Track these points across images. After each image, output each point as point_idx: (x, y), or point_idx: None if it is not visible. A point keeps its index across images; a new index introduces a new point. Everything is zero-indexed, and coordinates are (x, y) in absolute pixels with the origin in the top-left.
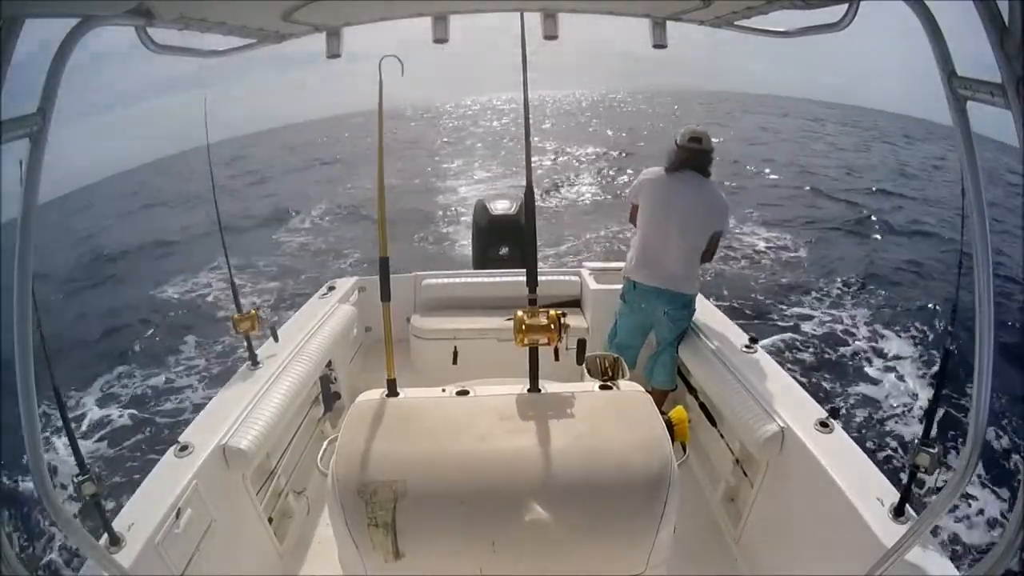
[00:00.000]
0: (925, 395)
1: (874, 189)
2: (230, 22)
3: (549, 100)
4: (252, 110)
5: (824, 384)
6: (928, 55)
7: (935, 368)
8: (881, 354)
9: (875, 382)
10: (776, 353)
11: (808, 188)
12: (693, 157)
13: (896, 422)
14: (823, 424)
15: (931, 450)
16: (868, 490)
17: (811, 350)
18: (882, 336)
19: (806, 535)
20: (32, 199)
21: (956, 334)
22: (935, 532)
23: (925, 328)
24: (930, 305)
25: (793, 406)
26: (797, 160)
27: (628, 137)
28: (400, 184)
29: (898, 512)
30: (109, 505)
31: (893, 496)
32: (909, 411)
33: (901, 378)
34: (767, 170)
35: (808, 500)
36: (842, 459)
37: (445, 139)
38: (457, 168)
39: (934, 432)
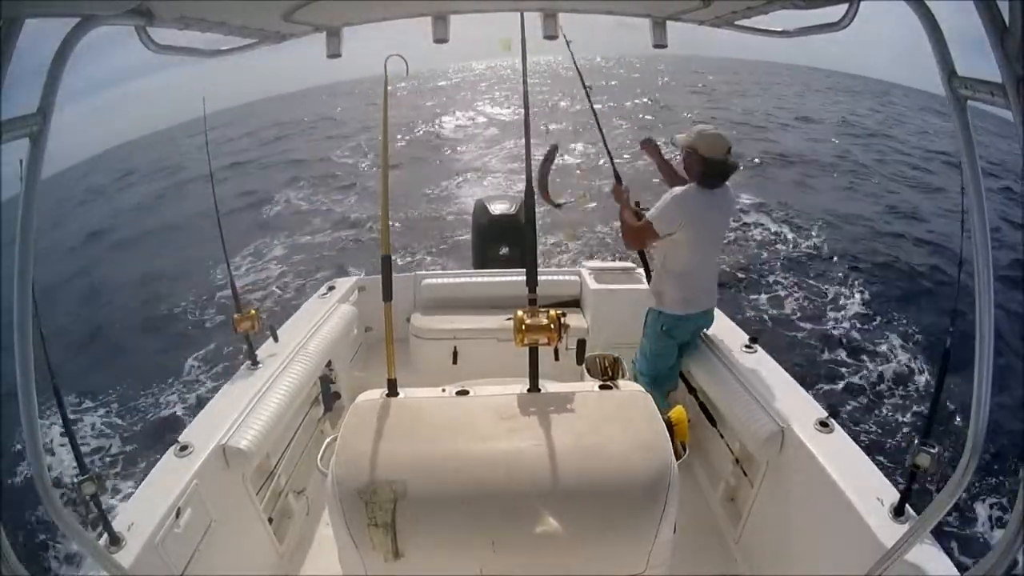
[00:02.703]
0: (925, 395)
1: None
2: (230, 22)
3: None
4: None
5: (824, 384)
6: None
7: (935, 368)
8: (881, 354)
9: (875, 382)
10: (776, 353)
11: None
12: (731, 170)
13: (896, 422)
14: (823, 424)
15: (931, 450)
16: (868, 490)
17: (811, 350)
18: (882, 336)
19: (806, 535)
20: (32, 199)
21: (956, 334)
22: (935, 532)
23: (925, 328)
24: (930, 304)
25: (793, 406)
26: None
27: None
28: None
29: (898, 512)
30: (109, 505)
31: (893, 496)
32: (909, 411)
33: (901, 378)
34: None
35: (808, 500)
36: (842, 459)
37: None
38: None
39: (934, 432)
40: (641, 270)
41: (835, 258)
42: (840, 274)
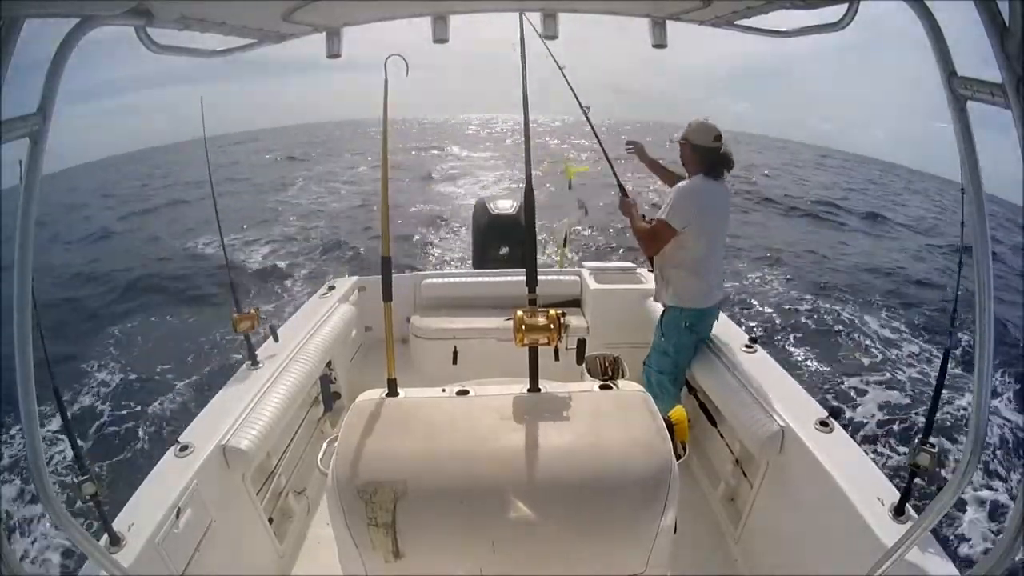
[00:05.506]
0: (925, 395)
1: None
2: (230, 22)
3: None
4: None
5: (824, 384)
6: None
7: (935, 368)
8: (881, 354)
9: (875, 382)
10: (776, 353)
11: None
12: (726, 157)
13: (896, 422)
14: (823, 424)
15: (931, 450)
16: (868, 490)
17: (811, 350)
18: (882, 336)
19: (806, 535)
20: (32, 199)
21: (956, 334)
22: (935, 532)
23: (925, 328)
24: (930, 304)
25: (793, 406)
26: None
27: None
28: None
29: (898, 512)
30: (109, 505)
31: (893, 496)
32: (909, 411)
33: (901, 377)
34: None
35: (808, 500)
36: (842, 459)
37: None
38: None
39: (934, 432)
40: (642, 271)
41: (834, 258)
42: (840, 274)
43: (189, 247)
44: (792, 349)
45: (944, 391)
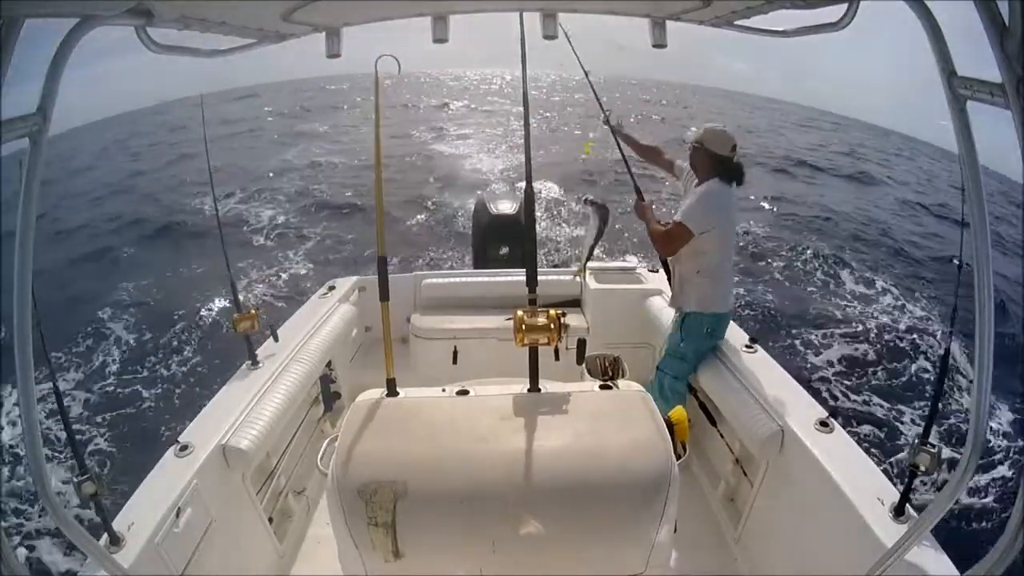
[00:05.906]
0: (925, 395)
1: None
2: (230, 22)
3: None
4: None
5: (824, 384)
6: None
7: (935, 368)
8: (882, 354)
9: (875, 381)
10: (776, 352)
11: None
12: (739, 168)
13: (896, 422)
14: (823, 424)
15: (931, 450)
16: (868, 490)
17: (811, 350)
18: (883, 336)
19: (806, 535)
20: (32, 199)
21: (956, 334)
22: (935, 532)
23: (925, 327)
24: (930, 304)
25: (793, 406)
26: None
27: None
28: None
29: (898, 512)
30: (109, 503)
31: (893, 496)
32: (909, 411)
33: (901, 378)
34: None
35: (808, 500)
36: (842, 459)
37: None
38: None
39: (934, 432)
40: (642, 271)
41: (836, 257)
42: (842, 273)
43: (196, 204)
44: (767, 297)
45: (944, 391)
